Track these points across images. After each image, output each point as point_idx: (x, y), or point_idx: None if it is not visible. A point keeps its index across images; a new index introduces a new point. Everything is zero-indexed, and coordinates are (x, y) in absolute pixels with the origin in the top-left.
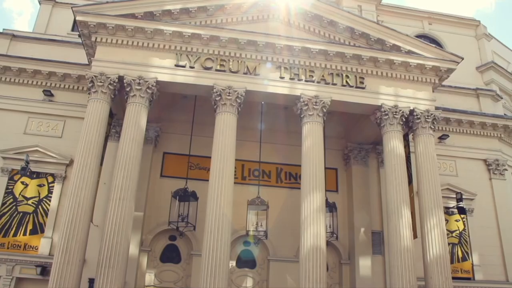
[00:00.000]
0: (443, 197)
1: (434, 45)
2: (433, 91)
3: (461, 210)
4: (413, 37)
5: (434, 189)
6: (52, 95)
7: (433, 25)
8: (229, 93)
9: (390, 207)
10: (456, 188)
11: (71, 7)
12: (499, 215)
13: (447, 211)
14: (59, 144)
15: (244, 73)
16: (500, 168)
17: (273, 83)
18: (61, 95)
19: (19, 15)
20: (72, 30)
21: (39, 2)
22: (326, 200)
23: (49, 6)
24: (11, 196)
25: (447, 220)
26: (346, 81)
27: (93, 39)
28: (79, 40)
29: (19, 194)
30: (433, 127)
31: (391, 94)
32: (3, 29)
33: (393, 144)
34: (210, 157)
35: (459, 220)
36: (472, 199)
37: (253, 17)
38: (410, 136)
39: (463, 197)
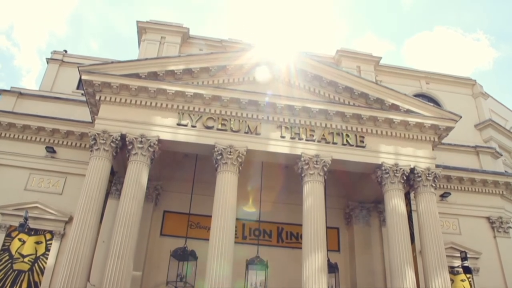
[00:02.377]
0: (447, 256)
1: (432, 104)
2: (433, 149)
3: (467, 270)
4: (411, 96)
5: (438, 248)
6: (54, 151)
7: (430, 84)
8: (230, 152)
9: (393, 267)
10: (460, 246)
11: (77, 67)
12: (506, 274)
13: (452, 271)
14: (59, 201)
15: (245, 132)
16: (504, 226)
17: (274, 142)
18: (64, 152)
19: (28, 72)
20: (77, 88)
21: (47, 61)
22: (328, 260)
23: (56, 65)
24: (7, 253)
25: (452, 280)
26: (347, 140)
27: (97, 97)
28: (84, 98)
29: (16, 251)
30: (434, 185)
31: (391, 153)
32: (11, 87)
33: (395, 202)
34: (210, 216)
35: (465, 280)
36: (477, 258)
37: (254, 78)
38: (412, 194)
39: (468, 256)
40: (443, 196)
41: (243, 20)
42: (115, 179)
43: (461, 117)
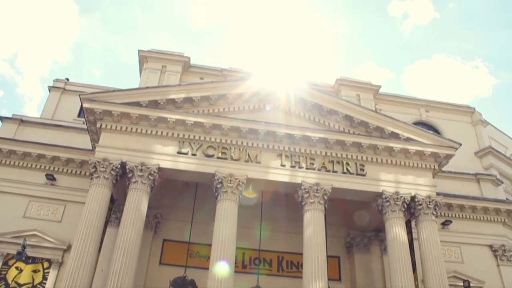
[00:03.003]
0: (450, 285)
1: (432, 132)
2: (433, 177)
3: None
4: (411, 124)
5: (440, 277)
6: (54, 179)
7: (430, 112)
8: (230, 180)
9: None
10: (463, 275)
11: (79, 95)
12: None
13: None
14: (58, 229)
15: (246, 161)
16: (507, 254)
17: (274, 170)
18: (63, 180)
19: (30, 99)
20: (79, 116)
21: (48, 89)
22: None
23: (58, 93)
24: (3, 282)
25: None
26: (347, 169)
27: (98, 125)
28: (85, 126)
29: (12, 280)
30: (435, 213)
31: (392, 181)
32: (13, 115)
33: (396, 231)
34: (210, 245)
35: None
36: (481, 287)
37: (254, 106)
38: (413, 222)
39: (471, 285)
40: (445, 224)
41: (244, 48)
42: (115, 207)
43: (460, 144)
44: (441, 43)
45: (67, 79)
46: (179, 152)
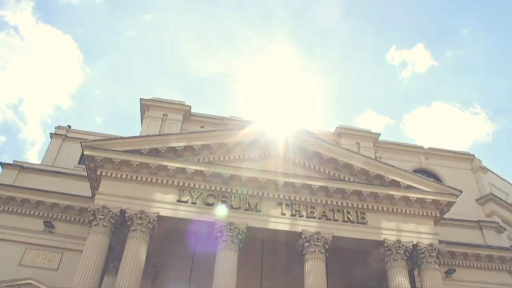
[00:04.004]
0: None
1: (432, 180)
2: (435, 225)
3: None
4: (411, 172)
5: None
6: (52, 226)
7: (429, 160)
8: (230, 229)
9: None
10: None
11: (80, 142)
12: None
13: None
14: (54, 277)
15: (246, 210)
16: None
17: (275, 219)
18: (62, 227)
19: (32, 145)
20: (79, 163)
21: (50, 136)
22: None
23: (59, 140)
24: None
25: None
26: (348, 217)
27: (98, 172)
28: (85, 173)
29: None
30: (438, 261)
31: (393, 229)
32: (13, 161)
33: (398, 280)
34: None
35: None
36: None
37: (254, 155)
38: (416, 271)
39: None
40: (448, 272)
41: (244, 97)
42: (113, 255)
43: (461, 192)
44: (439, 90)
45: (69, 126)
46: (179, 201)
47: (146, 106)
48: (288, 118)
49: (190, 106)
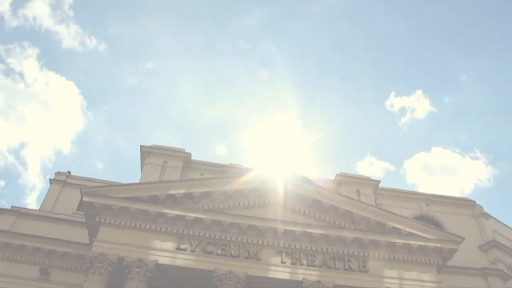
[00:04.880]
0: None
1: (433, 226)
2: (438, 273)
3: None
4: (412, 219)
5: None
6: (48, 273)
7: (430, 206)
8: (229, 278)
9: None
10: None
11: (80, 189)
12: None
13: None
14: None
15: (245, 258)
16: None
17: (275, 268)
18: (58, 274)
19: (31, 190)
20: (78, 209)
21: (50, 181)
22: None
23: (58, 186)
24: None
25: None
26: (349, 265)
27: (97, 219)
28: (83, 220)
29: None
30: None
31: (395, 277)
32: (12, 206)
33: None
34: None
35: None
36: None
37: (254, 202)
38: None
39: None
40: None
41: (244, 144)
42: None
43: (463, 239)
44: (439, 136)
45: (69, 172)
46: (178, 248)
47: (146, 153)
48: (288, 165)
49: (190, 154)
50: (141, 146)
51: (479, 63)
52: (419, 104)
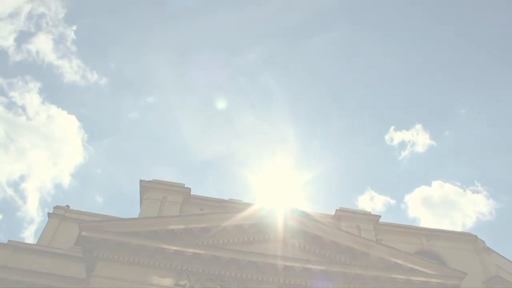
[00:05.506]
0: None
1: (435, 262)
2: None
3: None
4: (413, 254)
5: None
6: None
7: (432, 241)
8: None
9: None
10: None
11: (78, 223)
12: None
13: None
14: None
15: None
16: None
17: None
18: None
19: (29, 224)
20: (76, 244)
21: (48, 215)
22: None
23: (57, 220)
24: None
25: None
26: None
27: (94, 254)
28: (81, 255)
29: None
30: None
31: None
32: (8, 240)
33: None
34: None
35: None
36: None
37: (254, 238)
38: None
39: None
40: None
41: (243, 179)
42: None
43: (466, 274)
44: (439, 169)
45: (68, 206)
46: (176, 284)
47: (145, 187)
48: (288, 201)
49: (189, 189)
50: (141, 181)
51: (478, 97)
52: (418, 138)
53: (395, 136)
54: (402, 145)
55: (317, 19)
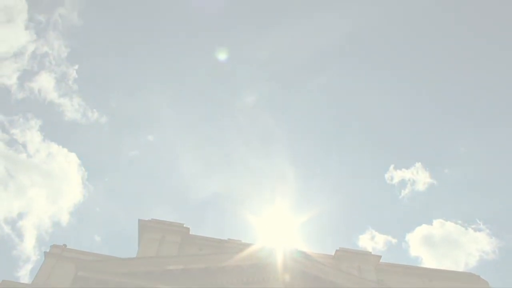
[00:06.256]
0: None
1: None
2: None
3: None
4: None
5: None
6: None
7: (433, 282)
8: None
9: None
10: None
11: (75, 263)
12: None
13: None
14: None
15: None
16: None
17: None
18: None
19: (25, 262)
20: (73, 284)
21: (44, 254)
22: None
23: (53, 259)
24: None
25: None
26: None
27: None
28: None
29: None
30: None
31: None
32: (2, 280)
33: None
34: None
35: None
36: None
37: (253, 279)
38: None
39: None
40: None
41: (243, 219)
42: None
43: None
44: (440, 208)
45: (65, 245)
46: None
47: (144, 227)
48: (288, 241)
49: (188, 228)
50: (139, 220)
51: (477, 135)
52: (419, 177)
53: (395, 175)
54: (402, 183)
55: (316, 59)
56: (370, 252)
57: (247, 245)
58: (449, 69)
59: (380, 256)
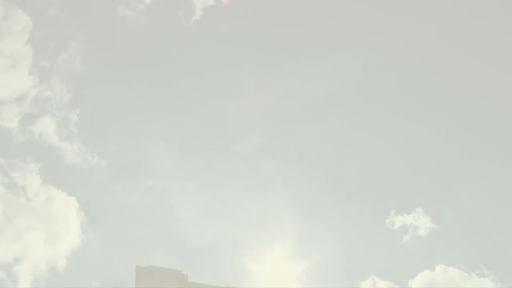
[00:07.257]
0: None
1: None
2: None
3: None
4: None
5: None
6: None
7: None
8: None
9: None
10: None
11: None
12: None
13: None
14: None
15: None
16: None
17: None
18: None
19: None
20: None
21: None
22: None
23: None
24: None
25: None
26: None
27: None
28: None
29: None
30: None
31: None
32: None
33: None
34: None
35: None
36: None
37: None
38: None
39: None
40: None
41: (242, 265)
42: None
43: None
44: (442, 253)
45: None
46: None
47: (141, 274)
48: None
49: (186, 275)
50: (137, 267)
51: (478, 179)
52: (420, 222)
53: (396, 220)
54: (404, 229)
55: (315, 105)
56: None
57: None
58: (448, 114)
59: None
